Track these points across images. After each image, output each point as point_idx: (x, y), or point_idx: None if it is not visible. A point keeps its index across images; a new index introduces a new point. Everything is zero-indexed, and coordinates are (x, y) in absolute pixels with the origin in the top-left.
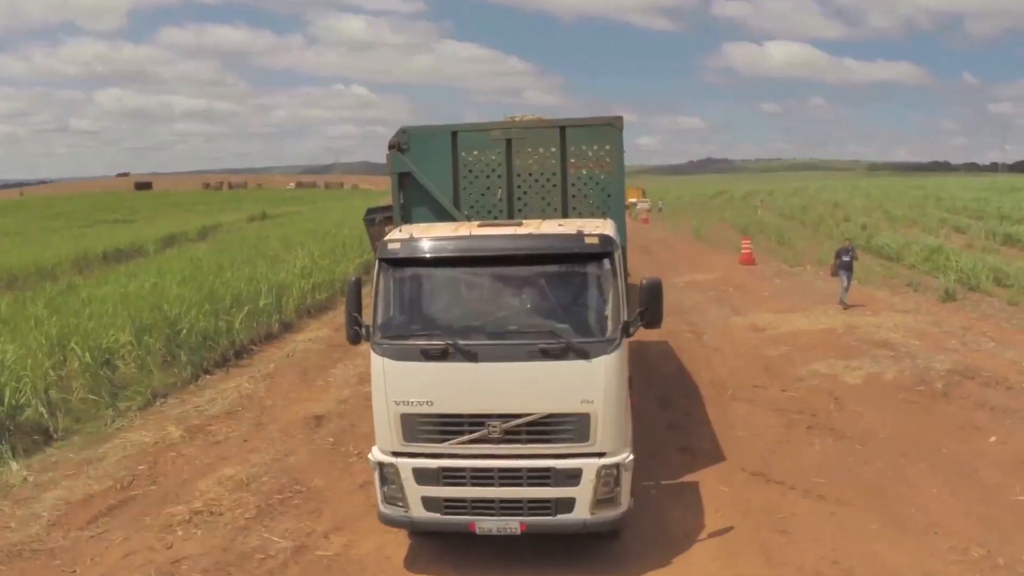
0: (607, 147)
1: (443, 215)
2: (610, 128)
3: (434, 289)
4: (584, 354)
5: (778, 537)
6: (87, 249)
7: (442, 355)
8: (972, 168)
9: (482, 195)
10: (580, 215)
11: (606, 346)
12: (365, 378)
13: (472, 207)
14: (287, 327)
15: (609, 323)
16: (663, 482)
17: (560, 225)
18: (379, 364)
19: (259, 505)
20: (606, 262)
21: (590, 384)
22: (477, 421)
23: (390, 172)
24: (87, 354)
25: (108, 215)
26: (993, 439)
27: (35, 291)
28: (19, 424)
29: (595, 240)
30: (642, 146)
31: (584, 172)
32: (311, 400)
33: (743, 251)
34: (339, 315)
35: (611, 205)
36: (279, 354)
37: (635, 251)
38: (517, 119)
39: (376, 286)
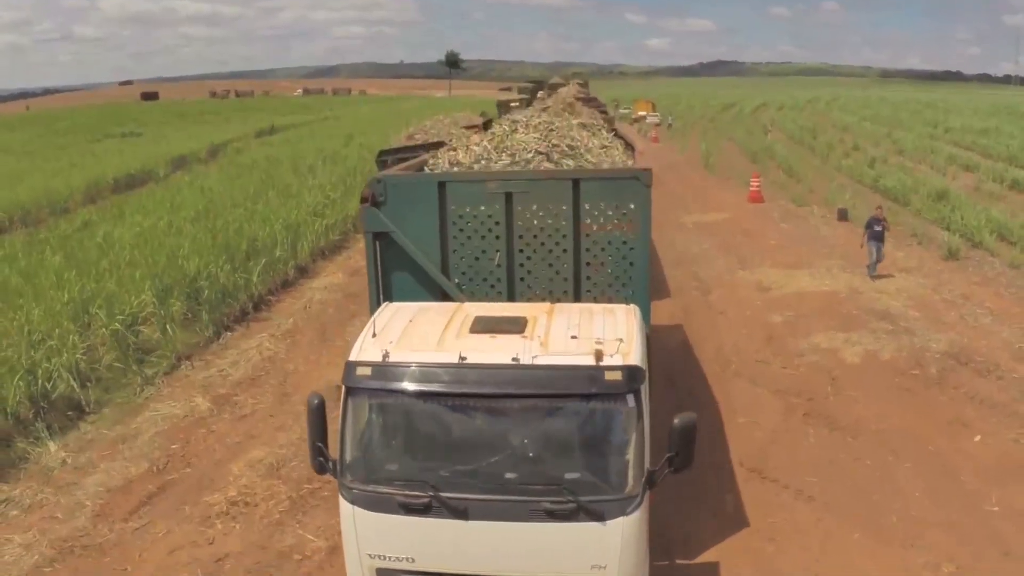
0: (631, 205)
1: (428, 284)
2: (635, 183)
3: (414, 425)
4: (598, 516)
5: (767, 546)
6: (98, 177)
7: (425, 509)
8: (985, 79)
9: (476, 259)
10: (596, 286)
11: (624, 505)
12: None
13: (464, 273)
14: (303, 272)
15: (630, 476)
16: (678, 561)
17: (573, 337)
18: (348, 512)
19: (291, 496)
20: (630, 399)
21: (603, 549)
22: None
23: (363, 230)
24: (113, 322)
25: (115, 128)
26: (978, 438)
27: (49, 230)
28: (52, 401)
29: (618, 376)
30: (651, 47)
31: (602, 235)
32: (331, 365)
33: (752, 188)
34: (353, 256)
35: (634, 275)
36: (297, 305)
37: None
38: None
39: (343, 417)
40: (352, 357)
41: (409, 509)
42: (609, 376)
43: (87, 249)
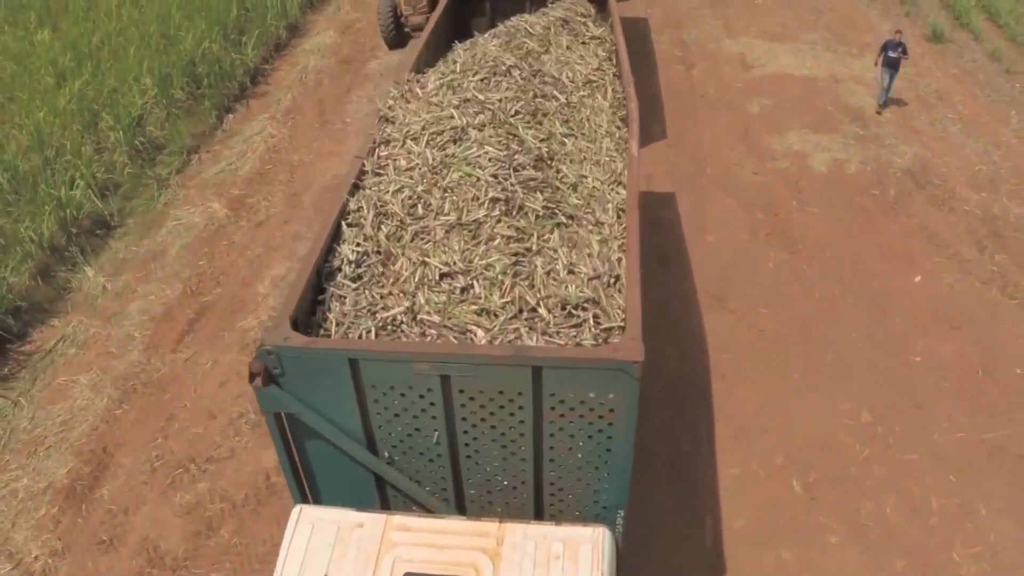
0: (611, 395)
1: (355, 463)
2: (619, 375)
3: None
4: None
5: (719, 383)
6: None
7: None
8: None
9: (409, 435)
10: (560, 466)
11: None
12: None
13: (396, 447)
14: (294, 30)
15: None
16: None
17: None
18: None
19: None
20: None
21: None
22: None
23: (261, 410)
24: (120, 125)
25: None
26: (918, 279)
27: None
28: (80, 222)
29: None
30: None
31: (571, 423)
32: (333, 154)
33: None
34: (344, 5)
35: (613, 463)
36: (292, 75)
37: None
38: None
39: None
40: None
41: None
42: None
43: (73, 14)
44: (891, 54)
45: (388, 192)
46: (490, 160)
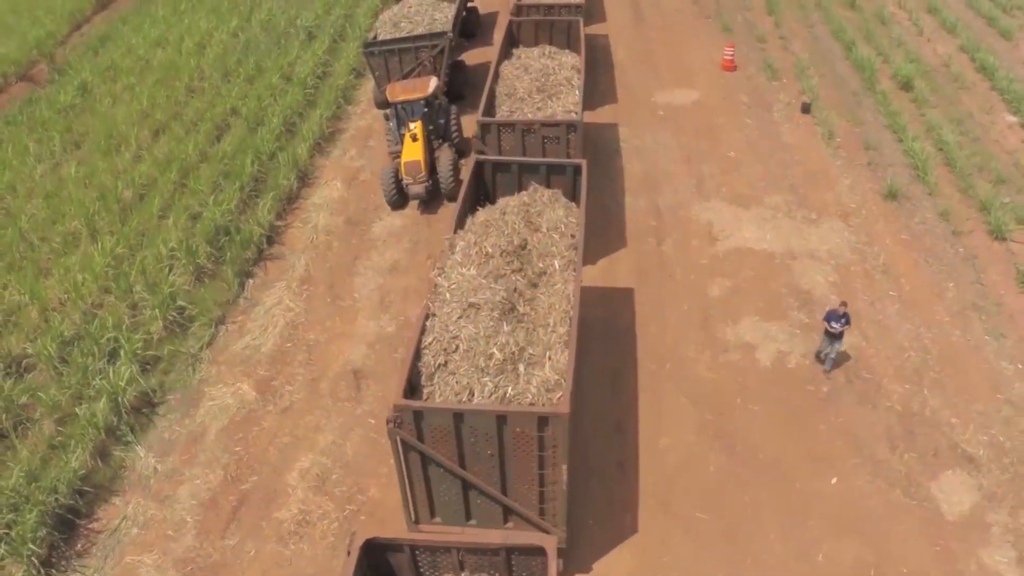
0: None
1: None
2: None
3: None
4: None
5: None
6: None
7: None
8: None
9: None
10: None
11: None
12: (384, 304)
13: None
14: (303, 179)
15: None
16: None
17: None
18: None
19: (338, 518)
20: None
21: None
22: None
23: None
24: (156, 307)
25: None
26: (834, 480)
27: (48, 101)
28: (130, 404)
29: None
30: None
31: None
32: (345, 336)
33: (725, 57)
34: (348, 150)
35: None
36: (304, 236)
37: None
38: None
39: None
40: None
41: None
42: None
43: (95, 141)
44: (834, 325)
45: None
46: None
